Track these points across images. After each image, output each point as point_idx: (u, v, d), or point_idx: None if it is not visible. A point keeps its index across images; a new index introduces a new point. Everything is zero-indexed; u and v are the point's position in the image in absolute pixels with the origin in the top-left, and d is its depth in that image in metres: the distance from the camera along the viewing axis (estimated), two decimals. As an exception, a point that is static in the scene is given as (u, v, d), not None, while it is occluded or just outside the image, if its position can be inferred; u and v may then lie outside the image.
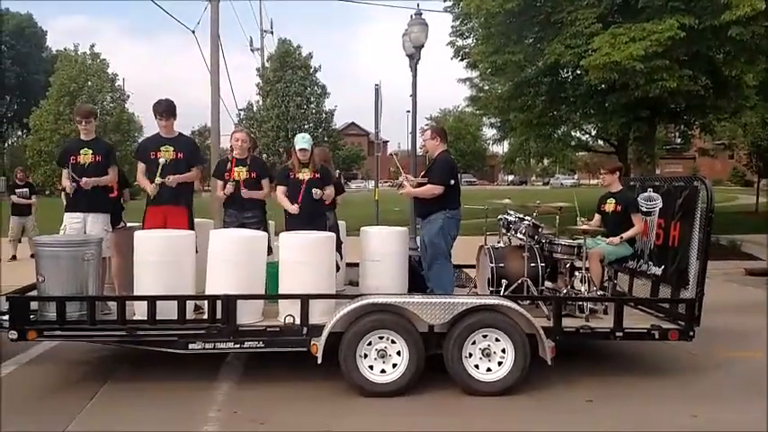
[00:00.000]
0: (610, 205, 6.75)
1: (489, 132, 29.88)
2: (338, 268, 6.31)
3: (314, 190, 6.30)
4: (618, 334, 5.48)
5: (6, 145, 54.02)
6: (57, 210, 7.02)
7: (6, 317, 5.23)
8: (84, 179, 5.95)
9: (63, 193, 6.37)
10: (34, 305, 5.35)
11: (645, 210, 6.65)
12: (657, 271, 6.36)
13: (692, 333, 5.53)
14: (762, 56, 12.73)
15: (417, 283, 6.59)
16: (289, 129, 36.01)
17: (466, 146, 68.55)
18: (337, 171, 7.60)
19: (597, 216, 6.95)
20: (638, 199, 6.75)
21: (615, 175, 6.93)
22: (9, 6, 49.88)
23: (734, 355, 6.44)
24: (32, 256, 5.69)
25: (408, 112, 13.23)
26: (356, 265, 6.89)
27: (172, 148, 6.14)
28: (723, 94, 14.90)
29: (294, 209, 6.30)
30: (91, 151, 6.11)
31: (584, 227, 6.46)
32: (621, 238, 6.45)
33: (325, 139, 37.16)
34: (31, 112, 38.90)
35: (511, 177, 78.56)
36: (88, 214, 6.06)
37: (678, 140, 28.71)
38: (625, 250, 6.60)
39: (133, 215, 7.24)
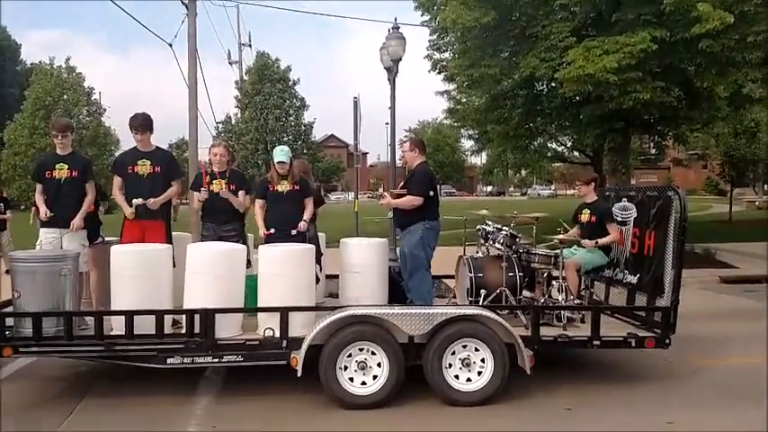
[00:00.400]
0: (585, 215, 6.85)
1: (467, 144, 30.10)
2: (318, 280, 6.32)
3: (300, 224, 6.30)
4: (595, 342, 5.54)
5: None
6: (32, 225, 6.94)
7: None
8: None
9: (34, 208, 6.28)
10: (10, 321, 5.27)
11: (620, 219, 6.74)
12: (633, 279, 6.44)
13: (668, 341, 5.61)
14: (732, 68, 12.98)
15: (397, 294, 6.60)
16: (268, 141, 35.95)
17: (445, 157, 68.92)
18: (317, 183, 7.60)
19: (576, 227, 7.02)
20: (613, 209, 6.84)
21: (590, 185, 7.03)
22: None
23: (709, 362, 6.52)
24: (8, 271, 5.60)
25: (387, 124, 13.31)
26: (336, 276, 6.89)
27: (149, 162, 6.11)
28: (695, 106, 15.21)
29: (263, 233, 6.32)
30: (67, 166, 6.04)
31: (561, 236, 6.54)
32: (597, 242, 6.54)
33: (305, 151, 37.15)
34: (5, 126, 38.26)
35: (489, 188, 79.09)
36: (65, 229, 5.98)
37: (653, 151, 29.20)
38: (601, 259, 6.69)
39: (110, 229, 7.17)
